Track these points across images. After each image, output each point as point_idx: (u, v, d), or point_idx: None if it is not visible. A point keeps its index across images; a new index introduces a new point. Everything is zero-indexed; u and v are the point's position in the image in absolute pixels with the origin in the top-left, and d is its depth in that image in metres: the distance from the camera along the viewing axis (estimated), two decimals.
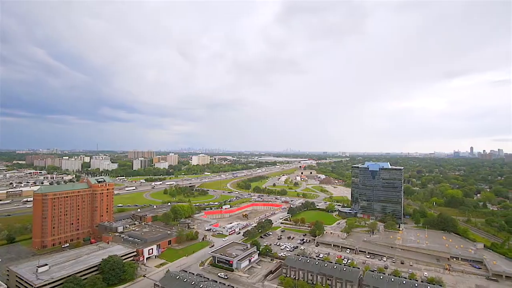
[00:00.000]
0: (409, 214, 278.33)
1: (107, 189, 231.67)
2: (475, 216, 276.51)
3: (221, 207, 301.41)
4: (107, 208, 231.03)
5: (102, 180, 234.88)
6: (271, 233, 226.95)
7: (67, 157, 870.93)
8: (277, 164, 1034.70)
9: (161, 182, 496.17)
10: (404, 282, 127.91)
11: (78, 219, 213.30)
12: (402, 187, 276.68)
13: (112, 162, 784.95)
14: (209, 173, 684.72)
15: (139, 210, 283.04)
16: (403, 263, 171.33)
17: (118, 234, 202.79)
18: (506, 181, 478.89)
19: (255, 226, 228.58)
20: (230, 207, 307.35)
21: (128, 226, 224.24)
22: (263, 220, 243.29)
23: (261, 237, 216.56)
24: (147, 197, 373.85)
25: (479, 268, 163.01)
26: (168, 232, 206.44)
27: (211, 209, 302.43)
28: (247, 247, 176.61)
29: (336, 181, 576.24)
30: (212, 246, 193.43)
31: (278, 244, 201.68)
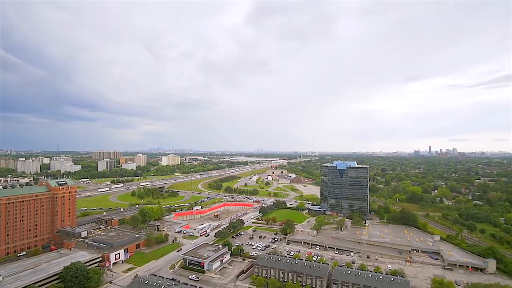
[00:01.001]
0: (374, 210, 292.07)
1: (69, 192, 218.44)
2: (433, 210, 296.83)
3: (192, 208, 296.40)
4: (69, 213, 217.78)
5: (64, 182, 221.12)
6: (242, 233, 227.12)
7: (24, 159, 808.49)
8: (249, 164, 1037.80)
9: (121, 185, 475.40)
10: (370, 275, 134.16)
11: (36, 225, 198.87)
12: (368, 185, 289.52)
13: (74, 164, 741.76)
14: (179, 174, 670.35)
15: (104, 213, 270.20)
16: (369, 257, 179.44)
17: (81, 239, 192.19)
18: (459, 178, 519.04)
19: (226, 226, 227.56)
20: (201, 208, 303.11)
21: (92, 230, 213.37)
22: (235, 220, 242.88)
23: (233, 237, 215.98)
24: (113, 199, 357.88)
25: (437, 259, 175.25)
26: (136, 235, 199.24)
27: (181, 210, 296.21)
28: (218, 248, 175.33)
29: (306, 180, 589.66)
30: (180, 250, 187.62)
31: (250, 243, 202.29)
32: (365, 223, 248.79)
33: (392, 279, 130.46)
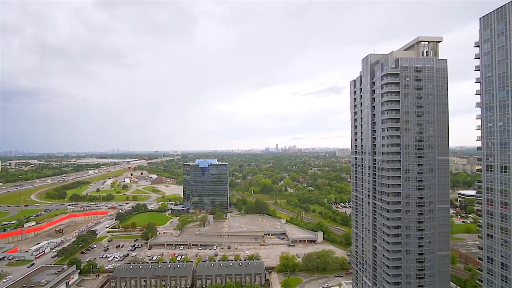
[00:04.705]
0: (233, 203, 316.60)
1: None
2: (280, 198, 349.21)
3: (22, 226, 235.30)
4: None
5: None
6: (95, 246, 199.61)
7: None
8: (102, 166, 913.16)
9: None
10: (230, 264, 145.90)
11: None
12: (228, 180, 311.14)
13: None
14: None
15: None
16: (229, 248, 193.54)
17: None
18: (298, 169, 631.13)
19: (73, 241, 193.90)
20: (36, 223, 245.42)
21: None
22: (85, 233, 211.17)
23: (82, 252, 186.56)
24: None
25: (283, 239, 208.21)
26: None
27: (4, 230, 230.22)
28: (62, 268, 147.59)
29: (169, 180, 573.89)
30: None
31: (104, 256, 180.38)
32: (226, 217, 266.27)
33: (249, 263, 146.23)
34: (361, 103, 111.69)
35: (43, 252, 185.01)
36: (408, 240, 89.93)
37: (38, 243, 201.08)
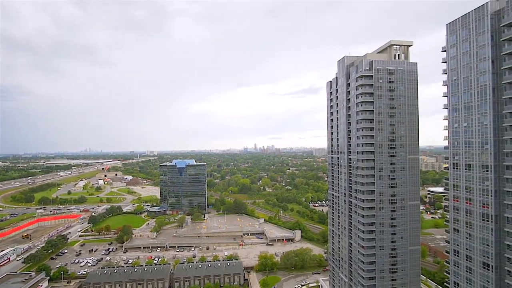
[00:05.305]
0: (212, 204, 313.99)
1: None
2: (258, 198, 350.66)
3: None
4: None
5: None
6: (66, 251, 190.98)
7: None
8: (73, 167, 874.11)
9: None
10: (209, 265, 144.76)
11: None
12: (206, 181, 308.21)
13: None
14: None
15: None
16: (208, 249, 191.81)
17: None
18: (276, 169, 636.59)
19: (42, 246, 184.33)
20: (0, 229, 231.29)
21: None
22: (55, 237, 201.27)
23: (52, 258, 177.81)
24: None
25: (262, 238, 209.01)
26: None
27: None
28: (30, 276, 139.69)
29: (145, 181, 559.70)
30: None
31: (77, 261, 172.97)
32: (204, 217, 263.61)
33: (228, 263, 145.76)
34: (337, 103, 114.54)
35: (8, 260, 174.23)
36: (382, 236, 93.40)
37: (2, 250, 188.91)
